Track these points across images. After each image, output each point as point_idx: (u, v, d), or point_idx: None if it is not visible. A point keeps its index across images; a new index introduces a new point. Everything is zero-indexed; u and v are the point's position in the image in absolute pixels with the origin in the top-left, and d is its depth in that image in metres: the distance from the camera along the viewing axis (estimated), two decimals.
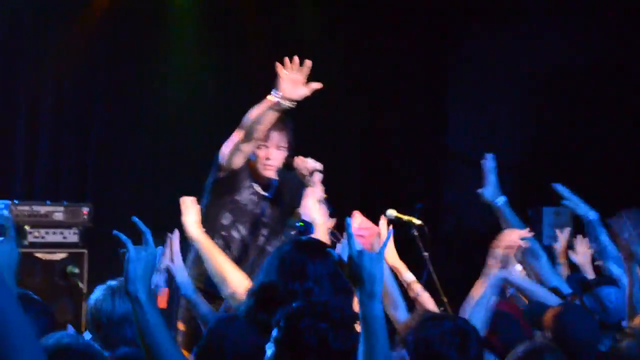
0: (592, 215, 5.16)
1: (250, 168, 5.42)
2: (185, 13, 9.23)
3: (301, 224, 5.08)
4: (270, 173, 5.40)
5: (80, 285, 7.63)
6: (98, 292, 4.01)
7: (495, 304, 4.32)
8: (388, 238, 3.57)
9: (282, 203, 5.59)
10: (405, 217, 5.88)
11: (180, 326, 4.94)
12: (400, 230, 5.26)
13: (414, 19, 9.41)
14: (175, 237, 4.34)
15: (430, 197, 8.64)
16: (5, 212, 3.27)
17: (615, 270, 5.14)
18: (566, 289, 4.94)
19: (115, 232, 3.03)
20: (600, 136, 8.82)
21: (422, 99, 9.71)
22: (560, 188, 5.39)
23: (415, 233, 5.84)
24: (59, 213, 7.66)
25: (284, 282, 3.49)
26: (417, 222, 5.88)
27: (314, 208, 4.95)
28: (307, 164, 5.12)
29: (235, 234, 5.42)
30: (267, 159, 5.28)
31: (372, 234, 4.74)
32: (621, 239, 4.89)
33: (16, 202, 7.57)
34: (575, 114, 8.97)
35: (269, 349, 3.01)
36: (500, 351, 3.95)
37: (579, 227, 6.17)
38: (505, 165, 8.79)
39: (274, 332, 3.00)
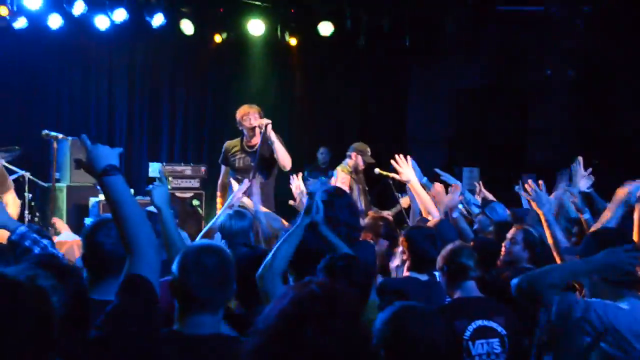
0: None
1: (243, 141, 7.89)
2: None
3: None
4: (256, 139, 7.81)
5: (200, 211, 10.34)
6: (222, 217, 5.25)
7: None
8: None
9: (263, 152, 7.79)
10: (384, 173, 7.80)
11: None
12: (383, 181, 8.25)
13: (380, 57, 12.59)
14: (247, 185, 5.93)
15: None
16: (160, 170, 3.97)
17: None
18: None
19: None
20: (491, 126, 12.21)
21: (390, 102, 13.10)
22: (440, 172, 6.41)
23: (391, 182, 7.91)
24: (187, 170, 10.52)
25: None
26: (392, 175, 7.04)
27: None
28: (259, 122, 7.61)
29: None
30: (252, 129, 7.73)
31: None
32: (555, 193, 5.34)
33: (164, 163, 10.57)
34: (479, 114, 12.34)
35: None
36: None
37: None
38: (442, 141, 12.71)
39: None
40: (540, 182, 4.71)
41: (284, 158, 7.80)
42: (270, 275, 3.50)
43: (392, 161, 5.73)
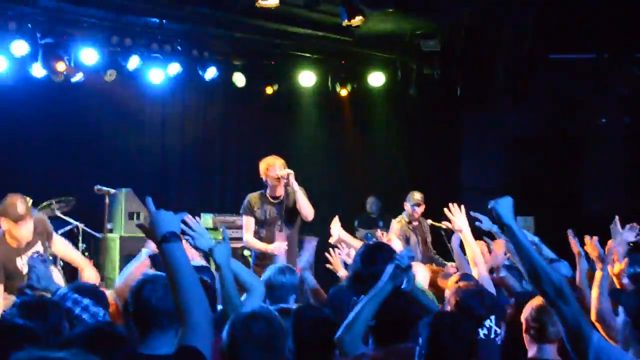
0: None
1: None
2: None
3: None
4: (280, 190, 7.93)
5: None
6: (269, 271, 5.11)
7: None
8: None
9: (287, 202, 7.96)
10: (437, 224, 8.24)
11: None
12: (436, 232, 8.76)
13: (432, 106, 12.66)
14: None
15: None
16: (224, 228, 3.84)
17: None
18: None
19: (222, 227, 4.25)
20: (546, 175, 12.02)
21: (443, 152, 13.03)
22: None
23: (443, 233, 8.18)
24: (238, 220, 9.58)
25: (364, 268, 4.39)
26: (444, 226, 6.74)
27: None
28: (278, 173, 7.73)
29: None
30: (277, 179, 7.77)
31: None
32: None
33: (215, 214, 10.65)
34: (534, 162, 12.13)
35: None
36: None
37: None
38: (496, 190, 12.50)
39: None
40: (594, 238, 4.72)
41: (306, 208, 7.89)
42: (350, 339, 3.55)
43: (446, 209, 5.63)
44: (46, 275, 4.03)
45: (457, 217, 5.51)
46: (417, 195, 9.11)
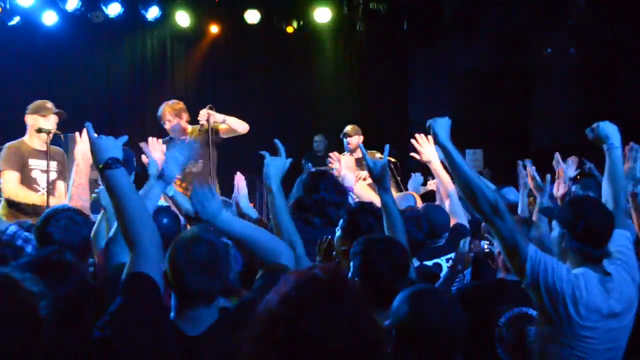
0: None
1: None
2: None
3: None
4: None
5: None
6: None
7: None
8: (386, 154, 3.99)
9: None
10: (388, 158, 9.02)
11: None
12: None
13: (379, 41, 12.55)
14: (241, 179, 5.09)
15: (399, 146, 9.48)
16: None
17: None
18: None
19: (275, 140, 3.68)
20: (494, 108, 12.00)
21: (391, 87, 12.93)
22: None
23: (392, 167, 7.53)
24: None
25: (308, 195, 4.46)
26: (393, 160, 7.63)
27: None
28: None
29: None
30: None
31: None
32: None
33: None
34: (481, 96, 12.08)
35: (337, 232, 3.77)
36: None
37: None
38: None
39: (341, 222, 3.80)
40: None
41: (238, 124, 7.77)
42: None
43: (412, 140, 5.37)
44: None
45: (425, 147, 5.27)
46: (346, 128, 9.04)
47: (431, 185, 7.45)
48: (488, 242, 4.88)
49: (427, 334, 2.50)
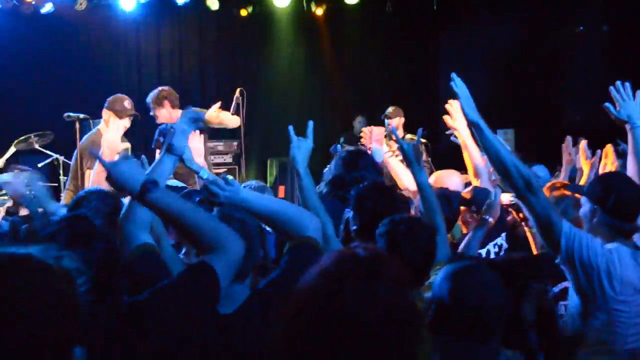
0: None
1: None
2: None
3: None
4: None
5: None
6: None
7: None
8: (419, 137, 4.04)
9: None
10: (415, 138, 8.74)
11: None
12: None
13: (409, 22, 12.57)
14: None
15: (430, 127, 10.06)
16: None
17: None
18: None
19: (289, 127, 3.56)
20: (525, 86, 11.90)
21: (421, 68, 12.96)
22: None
23: (422, 147, 7.68)
24: (220, 145, 10.46)
25: (347, 173, 4.47)
26: (423, 140, 7.42)
27: None
28: None
29: None
30: None
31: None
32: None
33: None
34: (512, 75, 12.01)
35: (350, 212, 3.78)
36: None
37: None
38: (475, 103, 12.57)
39: (351, 202, 3.76)
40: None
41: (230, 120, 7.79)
42: None
43: (447, 106, 5.02)
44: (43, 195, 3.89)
45: (456, 114, 4.86)
46: (388, 109, 9.02)
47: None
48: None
49: (464, 313, 2.44)
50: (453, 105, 4.93)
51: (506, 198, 4.62)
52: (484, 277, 2.53)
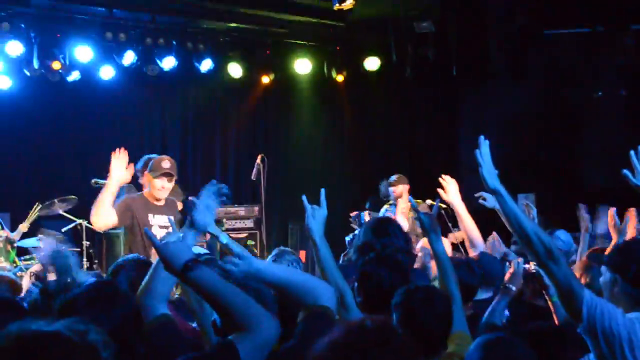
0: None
1: None
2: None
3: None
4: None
5: (255, 251, 10.16)
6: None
7: None
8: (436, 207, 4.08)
9: None
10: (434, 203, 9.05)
11: None
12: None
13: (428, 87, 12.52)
14: None
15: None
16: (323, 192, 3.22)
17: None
18: None
19: (302, 197, 3.62)
20: (545, 150, 11.88)
21: (441, 132, 12.91)
22: None
23: (443, 213, 7.76)
24: (241, 210, 10.63)
25: (376, 239, 4.40)
26: (444, 206, 7.16)
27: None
28: None
29: None
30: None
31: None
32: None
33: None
34: (532, 138, 12.03)
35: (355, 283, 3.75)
36: None
37: None
38: (496, 168, 12.57)
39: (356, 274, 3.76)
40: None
41: None
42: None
43: (440, 180, 5.25)
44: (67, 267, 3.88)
45: (450, 186, 5.10)
46: (392, 177, 9.05)
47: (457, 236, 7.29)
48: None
49: None
50: (446, 180, 5.13)
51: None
52: (517, 350, 2.54)
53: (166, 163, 6.16)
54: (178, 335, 3.01)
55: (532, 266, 4.50)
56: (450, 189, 5.14)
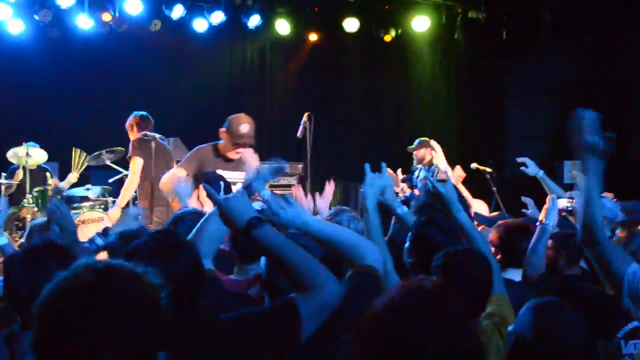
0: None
1: None
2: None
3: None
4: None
5: None
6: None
7: None
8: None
9: None
10: (482, 167, 8.42)
11: None
12: (480, 175, 8.51)
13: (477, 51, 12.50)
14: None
15: (496, 157, 10.06)
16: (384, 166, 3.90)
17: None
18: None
19: (365, 165, 3.58)
20: None
21: (488, 97, 12.79)
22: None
23: (488, 177, 8.38)
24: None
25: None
26: (489, 170, 8.37)
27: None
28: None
29: None
30: None
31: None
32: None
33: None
34: (583, 106, 12.00)
35: (406, 243, 3.77)
36: None
37: None
38: (542, 135, 12.43)
39: (409, 234, 3.77)
40: None
41: None
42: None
43: (431, 142, 5.34)
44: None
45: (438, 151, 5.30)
46: (415, 142, 8.96)
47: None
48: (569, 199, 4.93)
49: (546, 350, 2.45)
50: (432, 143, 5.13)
51: (563, 203, 4.75)
52: (567, 315, 2.53)
53: (245, 127, 6.04)
54: (221, 290, 3.01)
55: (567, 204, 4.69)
56: (437, 152, 5.17)
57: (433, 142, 6.47)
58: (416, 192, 6.18)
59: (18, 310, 2.85)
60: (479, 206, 5.55)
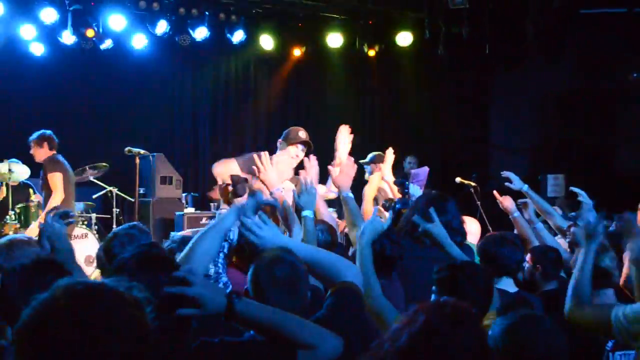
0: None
1: None
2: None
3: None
4: None
5: None
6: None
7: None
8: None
9: None
10: (466, 181, 8.45)
11: None
12: (464, 189, 8.44)
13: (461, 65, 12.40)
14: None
15: (480, 170, 9.90)
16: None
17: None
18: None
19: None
20: (577, 132, 11.65)
21: (472, 111, 12.88)
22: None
23: (472, 191, 8.39)
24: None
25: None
26: (473, 184, 8.38)
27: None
28: None
29: None
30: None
31: None
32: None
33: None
34: (564, 120, 11.80)
35: None
36: None
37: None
38: (526, 149, 12.43)
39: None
40: None
41: None
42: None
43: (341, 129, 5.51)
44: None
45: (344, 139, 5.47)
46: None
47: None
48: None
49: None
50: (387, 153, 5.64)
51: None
52: (545, 326, 2.58)
53: (303, 133, 6.02)
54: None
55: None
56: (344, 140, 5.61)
57: (388, 152, 6.50)
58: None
59: (10, 324, 2.75)
60: (471, 224, 5.45)
